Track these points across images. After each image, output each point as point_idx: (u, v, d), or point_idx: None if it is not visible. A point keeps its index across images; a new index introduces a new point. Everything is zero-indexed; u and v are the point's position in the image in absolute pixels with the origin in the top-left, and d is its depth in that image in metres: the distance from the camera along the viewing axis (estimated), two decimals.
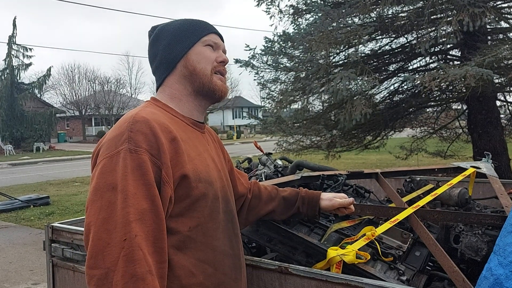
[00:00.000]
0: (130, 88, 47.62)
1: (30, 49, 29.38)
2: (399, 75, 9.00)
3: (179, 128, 1.25)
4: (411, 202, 2.12)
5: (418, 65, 9.09)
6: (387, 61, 9.04)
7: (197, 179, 1.19)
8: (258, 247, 2.16)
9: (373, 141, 10.53)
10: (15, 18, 30.32)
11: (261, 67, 8.64)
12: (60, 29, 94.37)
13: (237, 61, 8.50)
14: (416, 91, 8.30)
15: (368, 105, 6.92)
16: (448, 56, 8.75)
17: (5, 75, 28.52)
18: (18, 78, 29.35)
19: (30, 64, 29.67)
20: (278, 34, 8.32)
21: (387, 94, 9.61)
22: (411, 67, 9.14)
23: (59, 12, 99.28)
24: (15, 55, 28.87)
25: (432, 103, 9.48)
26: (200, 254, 1.19)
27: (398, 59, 9.00)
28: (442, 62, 8.18)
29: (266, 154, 2.58)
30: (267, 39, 8.77)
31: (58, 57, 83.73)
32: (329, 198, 1.63)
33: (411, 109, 9.44)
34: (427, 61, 8.98)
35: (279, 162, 2.55)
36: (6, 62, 28.73)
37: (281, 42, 8.47)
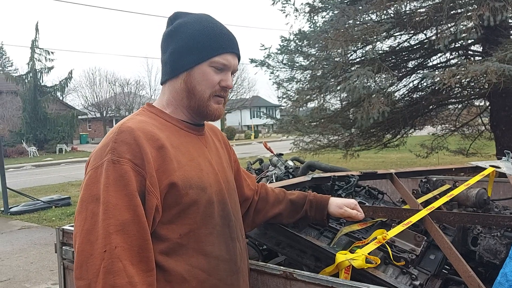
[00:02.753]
0: (150, 90, 48.12)
1: (52, 53, 30.00)
2: (418, 72, 8.83)
3: (171, 134, 1.24)
4: (426, 203, 2.06)
5: (438, 62, 8.91)
6: (405, 58, 8.88)
7: (187, 186, 1.17)
8: (269, 250, 2.13)
9: (392, 139, 10.37)
10: (37, 22, 31.13)
11: (277, 66, 8.60)
12: (81, 33, 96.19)
13: (252, 60, 8.49)
14: (436, 88, 8.12)
15: (386, 103, 6.81)
16: (469, 52, 8.54)
17: (29, 79, 29.12)
18: (41, 81, 29.92)
19: (52, 67, 30.23)
20: (294, 32, 8.29)
21: (406, 92, 9.44)
22: (430, 64, 8.96)
23: (80, 16, 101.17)
24: (38, 58, 29.43)
25: (453, 100, 9.27)
26: (193, 260, 1.17)
27: (417, 56, 8.84)
28: (463, 58, 7.99)
29: (277, 155, 2.55)
30: (283, 38, 8.74)
31: (80, 60, 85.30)
32: (339, 205, 1.58)
33: (431, 107, 9.25)
34: (448, 57, 8.79)
35: (290, 163, 2.51)
36: (29, 66, 29.34)
37: (297, 41, 8.42)
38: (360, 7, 7.07)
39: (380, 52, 8.25)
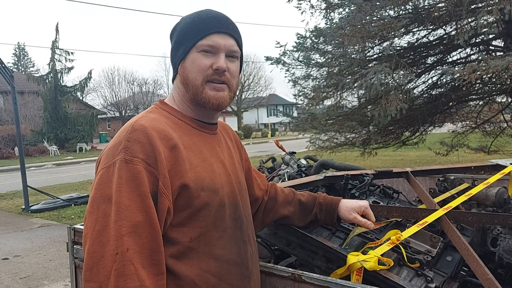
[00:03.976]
0: (167, 89, 48.59)
1: (72, 53, 30.57)
2: (437, 68, 8.65)
3: (183, 133, 1.21)
4: (444, 203, 2.00)
5: (458, 57, 8.71)
6: (424, 54, 8.72)
7: (199, 187, 1.14)
8: (281, 250, 2.09)
9: (411, 137, 10.21)
10: (57, 23, 31.58)
11: (292, 64, 8.53)
12: (100, 33, 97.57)
13: (267, 58, 8.44)
14: (456, 84, 7.94)
15: (404, 100, 6.69)
16: (490, 47, 8.32)
17: (49, 79, 29.64)
18: (61, 81, 30.43)
19: (72, 67, 30.73)
20: (310, 29, 8.20)
21: (425, 88, 9.27)
22: (450, 60, 8.76)
23: (99, 16, 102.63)
24: (58, 59, 29.93)
25: (474, 97, 9.07)
26: (203, 264, 1.14)
27: (437, 52, 8.67)
28: (483, 53, 7.79)
29: (289, 154, 2.51)
30: (299, 35, 8.67)
31: (99, 60, 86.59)
32: (348, 210, 1.53)
33: (451, 103, 9.07)
34: (468, 53, 8.59)
35: (303, 161, 2.46)
36: (50, 66, 29.88)
37: (313, 38, 8.34)
38: (378, 3, 6.95)
39: (398, 48, 8.11)
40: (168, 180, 1.09)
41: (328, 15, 8.67)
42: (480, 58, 6.42)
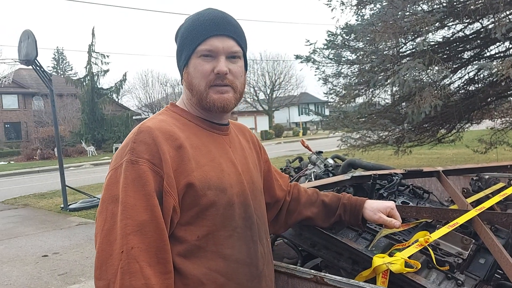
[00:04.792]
0: None
1: (108, 56, 31.39)
2: (474, 63, 8.34)
3: (191, 134, 1.22)
4: (477, 203, 1.93)
5: (496, 52, 8.37)
6: (460, 49, 8.43)
7: (205, 186, 1.15)
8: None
9: (447, 134, 9.89)
10: (93, 28, 32.57)
11: (323, 62, 8.44)
12: (134, 36, 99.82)
13: (297, 57, 8.39)
14: (494, 80, 7.63)
15: (439, 96, 6.49)
16: None
17: (86, 81, 30.60)
18: (97, 84, 31.36)
19: (108, 70, 31.61)
20: (341, 26, 8.09)
21: (462, 84, 8.96)
22: (487, 54, 8.43)
23: (133, 20, 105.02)
24: (94, 62, 30.86)
25: None
26: (211, 263, 1.15)
27: (473, 46, 8.36)
28: None
29: (316, 153, 2.48)
30: (329, 33, 8.57)
31: (133, 63, 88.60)
32: (374, 210, 1.49)
33: (489, 99, 8.73)
34: (507, 47, 8.24)
35: (330, 161, 2.43)
36: (87, 69, 30.84)
37: (343, 35, 8.23)
38: None
39: (432, 43, 7.87)
40: (173, 179, 1.11)
41: (359, 11, 8.52)
42: None
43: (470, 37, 8.15)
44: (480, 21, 7.65)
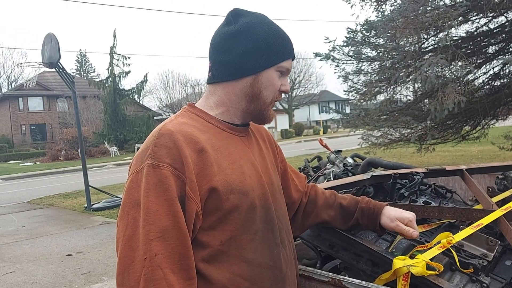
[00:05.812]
0: None
1: (129, 58, 31.79)
2: (499, 57, 8.12)
3: (212, 136, 1.20)
4: (503, 203, 1.86)
5: None
6: (484, 43, 8.21)
7: (228, 190, 1.13)
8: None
9: (472, 131, 9.67)
10: (115, 30, 33.15)
11: (342, 59, 8.35)
12: (154, 37, 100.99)
13: (316, 54, 8.32)
14: None
15: (463, 92, 6.33)
16: None
17: (108, 83, 31.12)
18: (119, 85, 31.85)
19: (129, 71, 32.12)
20: (361, 23, 7.99)
21: (486, 80, 8.73)
22: None
23: (153, 21, 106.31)
24: (116, 64, 31.34)
25: None
26: (235, 268, 1.13)
27: (498, 40, 8.13)
28: None
29: (335, 152, 2.44)
30: (349, 30, 8.47)
31: (154, 64, 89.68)
32: (391, 218, 1.44)
33: None
34: None
35: (349, 160, 2.39)
36: (109, 71, 31.36)
37: (363, 31, 8.12)
38: None
39: (455, 38, 7.69)
40: (195, 184, 1.09)
41: (379, 7, 8.39)
42: None
43: (495, 31, 7.94)
44: (505, 14, 7.43)
